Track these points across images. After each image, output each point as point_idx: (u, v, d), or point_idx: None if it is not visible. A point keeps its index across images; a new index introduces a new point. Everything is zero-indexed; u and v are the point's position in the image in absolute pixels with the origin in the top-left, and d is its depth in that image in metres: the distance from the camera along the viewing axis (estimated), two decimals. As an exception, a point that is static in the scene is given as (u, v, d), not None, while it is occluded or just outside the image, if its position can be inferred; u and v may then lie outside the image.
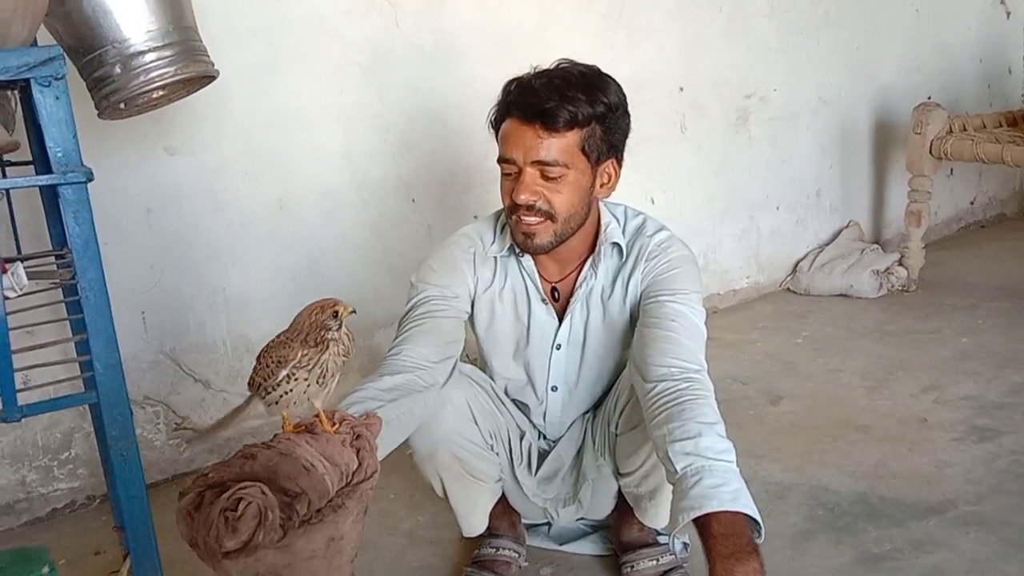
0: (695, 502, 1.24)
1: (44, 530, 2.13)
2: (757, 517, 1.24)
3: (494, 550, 1.82)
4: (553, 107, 1.47)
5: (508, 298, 1.70)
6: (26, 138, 1.57)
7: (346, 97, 2.44)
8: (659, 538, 1.80)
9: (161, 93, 1.55)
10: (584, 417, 1.79)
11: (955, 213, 4.40)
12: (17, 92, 1.41)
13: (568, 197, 1.53)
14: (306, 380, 1.16)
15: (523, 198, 1.52)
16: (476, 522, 1.76)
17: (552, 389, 1.74)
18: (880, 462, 2.18)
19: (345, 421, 1.23)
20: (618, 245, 1.65)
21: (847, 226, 3.82)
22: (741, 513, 1.23)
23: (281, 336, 1.18)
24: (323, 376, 1.17)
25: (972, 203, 4.49)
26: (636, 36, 3.00)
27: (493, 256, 1.68)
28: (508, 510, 1.85)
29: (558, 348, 1.70)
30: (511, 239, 1.62)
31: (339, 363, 1.18)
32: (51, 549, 1.32)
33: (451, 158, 2.65)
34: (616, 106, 1.54)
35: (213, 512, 1.02)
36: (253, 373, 1.19)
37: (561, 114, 1.47)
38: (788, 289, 3.66)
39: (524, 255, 1.65)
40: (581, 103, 1.48)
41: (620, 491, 1.76)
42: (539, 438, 1.83)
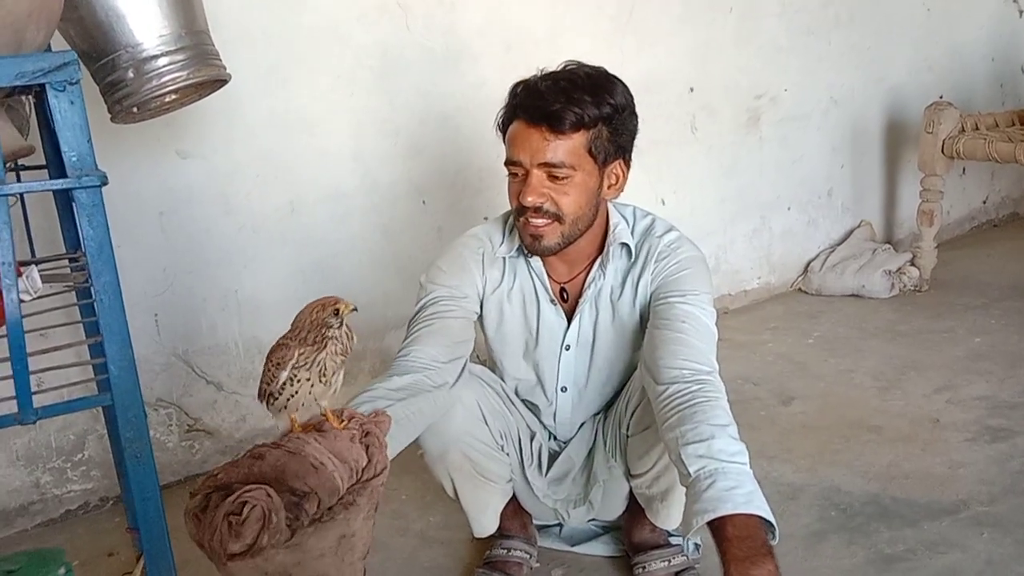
0: (709, 505, 1.24)
1: (58, 531, 2.14)
2: (771, 519, 1.24)
3: (505, 551, 1.82)
4: (559, 109, 1.47)
5: (517, 299, 1.70)
6: (40, 142, 1.58)
7: (357, 101, 2.45)
8: (671, 539, 1.79)
9: (173, 97, 1.56)
10: (595, 418, 1.79)
11: (967, 212, 4.38)
12: (31, 97, 1.42)
13: (575, 199, 1.53)
14: (308, 380, 1.15)
15: (530, 200, 1.52)
16: (487, 523, 1.77)
17: (562, 390, 1.74)
18: (892, 463, 2.17)
19: (354, 418, 1.23)
20: (627, 246, 1.64)
21: (859, 226, 3.81)
22: (755, 515, 1.23)
23: (281, 338, 1.18)
24: (324, 374, 1.16)
25: (984, 202, 4.46)
26: (646, 38, 3.00)
27: (502, 257, 1.68)
28: (519, 511, 1.85)
29: (567, 349, 1.71)
30: (519, 240, 1.63)
31: (338, 361, 1.17)
32: (65, 551, 1.33)
33: (462, 161, 2.66)
34: (623, 107, 1.54)
35: (217, 516, 1.03)
36: (259, 383, 1.19)
37: (567, 116, 1.48)
38: (800, 289, 3.64)
39: (533, 256, 1.65)
40: (587, 105, 1.48)
41: (631, 492, 1.76)
42: (549, 439, 1.83)
